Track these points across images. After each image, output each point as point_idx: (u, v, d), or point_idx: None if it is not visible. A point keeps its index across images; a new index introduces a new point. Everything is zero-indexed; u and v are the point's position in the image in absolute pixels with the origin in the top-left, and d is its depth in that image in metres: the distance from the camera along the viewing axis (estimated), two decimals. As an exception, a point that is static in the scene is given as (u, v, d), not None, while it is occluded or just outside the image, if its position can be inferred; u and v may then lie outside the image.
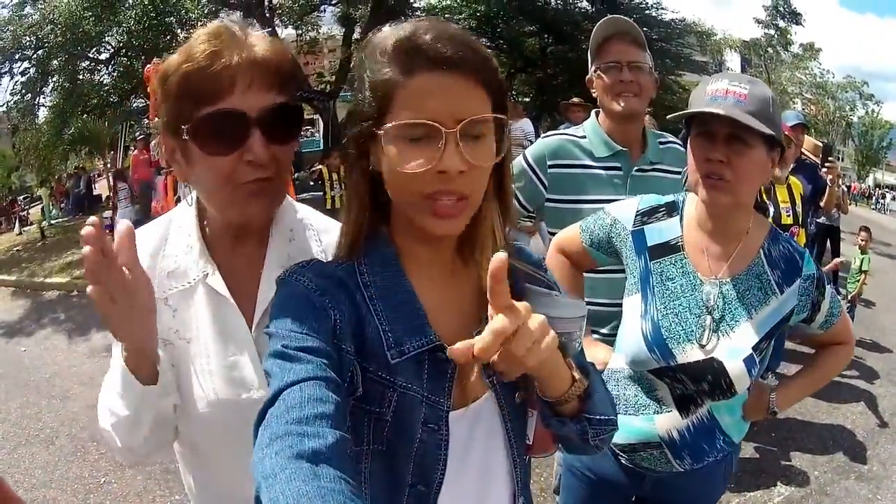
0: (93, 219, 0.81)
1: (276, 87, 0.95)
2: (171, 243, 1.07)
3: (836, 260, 6.01)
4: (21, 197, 25.28)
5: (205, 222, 1.08)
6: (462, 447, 0.88)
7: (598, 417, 0.90)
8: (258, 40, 0.96)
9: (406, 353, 0.84)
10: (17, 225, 17.54)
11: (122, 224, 0.86)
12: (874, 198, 33.12)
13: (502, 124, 0.85)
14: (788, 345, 4.15)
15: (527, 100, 17.50)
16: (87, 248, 0.79)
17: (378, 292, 0.86)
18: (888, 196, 33.08)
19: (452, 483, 0.87)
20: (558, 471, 2.13)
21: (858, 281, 5.93)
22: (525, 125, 7.92)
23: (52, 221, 15.74)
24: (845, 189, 7.61)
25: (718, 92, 1.32)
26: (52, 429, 4.47)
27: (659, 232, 1.50)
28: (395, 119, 0.79)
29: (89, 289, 0.82)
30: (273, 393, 0.72)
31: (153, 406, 0.97)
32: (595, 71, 1.99)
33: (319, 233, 1.13)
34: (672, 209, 1.52)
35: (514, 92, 18.26)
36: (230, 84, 0.92)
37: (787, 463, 3.60)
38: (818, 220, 6.01)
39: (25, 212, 21.03)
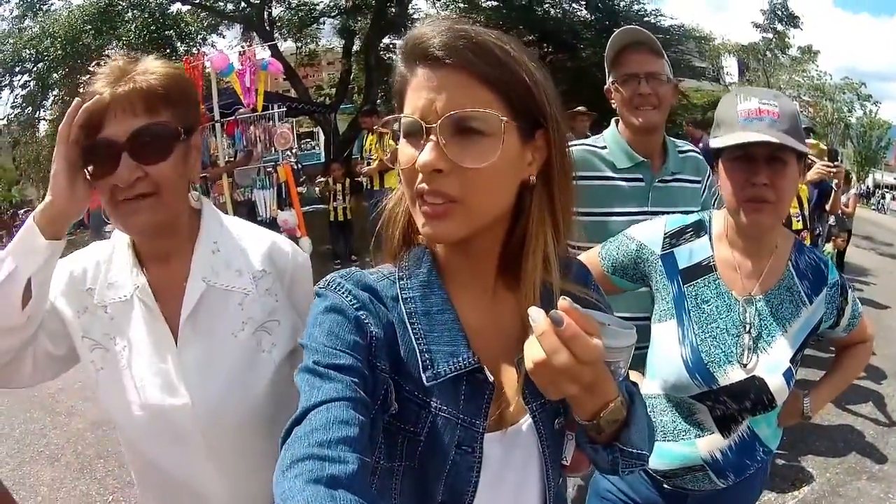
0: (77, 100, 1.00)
1: (146, 111, 1.03)
2: (115, 259, 1.16)
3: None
4: (22, 211, 25.27)
5: (135, 244, 1.17)
6: (496, 469, 0.86)
7: (630, 450, 0.85)
8: (139, 69, 1.05)
9: (441, 376, 0.81)
10: (17, 239, 17.49)
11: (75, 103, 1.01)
12: (875, 198, 33.12)
13: (526, 130, 0.80)
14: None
15: None
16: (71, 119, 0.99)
17: (418, 309, 0.84)
18: (888, 196, 33.08)
19: (484, 502, 0.86)
20: (576, 482, 2.10)
21: None
22: None
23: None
24: (853, 193, 7.60)
25: (752, 113, 1.30)
26: (58, 445, 4.44)
27: (689, 253, 1.48)
28: (402, 114, 0.79)
29: (60, 149, 1.00)
30: (300, 411, 0.72)
31: (37, 264, 1.01)
32: (613, 83, 1.96)
33: (242, 239, 1.21)
34: (700, 228, 1.50)
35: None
36: (102, 116, 1.02)
37: (800, 465, 3.58)
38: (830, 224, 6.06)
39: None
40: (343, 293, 0.82)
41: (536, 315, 0.71)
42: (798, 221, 3.68)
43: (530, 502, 0.92)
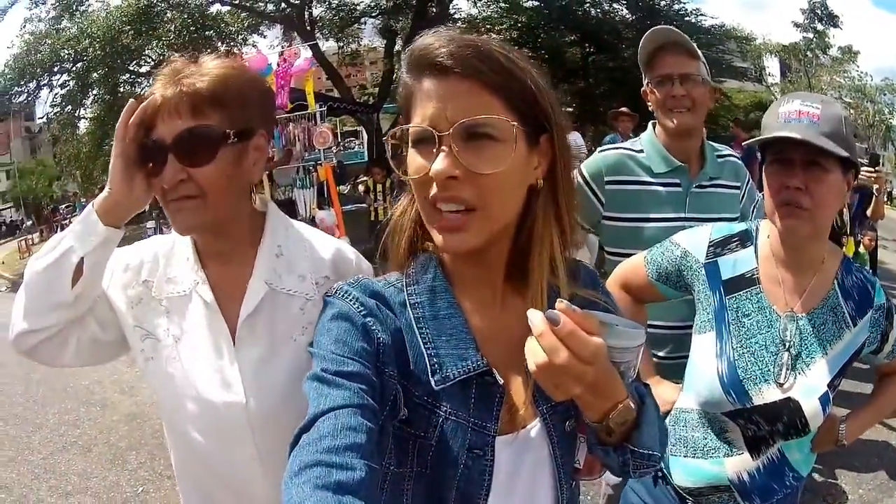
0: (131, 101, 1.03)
1: (191, 114, 1.03)
2: (175, 254, 1.17)
3: None
4: (63, 206, 25.95)
5: (197, 244, 1.18)
6: (508, 473, 0.87)
7: (641, 451, 0.85)
8: (192, 71, 1.06)
9: (450, 380, 0.82)
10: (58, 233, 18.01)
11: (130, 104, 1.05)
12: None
13: (532, 134, 0.82)
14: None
15: (570, 110, 17.40)
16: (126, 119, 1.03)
17: (426, 313, 0.85)
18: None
19: None
20: (605, 490, 2.08)
21: None
22: (576, 138, 7.80)
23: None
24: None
25: (791, 114, 1.27)
26: (91, 436, 4.55)
27: (733, 264, 1.43)
28: (410, 124, 0.80)
29: (117, 146, 1.04)
30: (308, 419, 0.73)
31: (91, 245, 1.05)
32: (647, 84, 1.93)
33: (307, 244, 1.22)
34: (746, 239, 1.45)
35: (557, 102, 18.32)
36: (154, 118, 1.04)
37: (832, 481, 3.48)
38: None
39: (67, 220, 21.60)
40: (350, 300, 0.83)
41: (533, 316, 0.72)
42: (838, 226, 3.58)
43: None
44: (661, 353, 1.87)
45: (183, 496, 1.29)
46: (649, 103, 1.96)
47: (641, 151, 1.96)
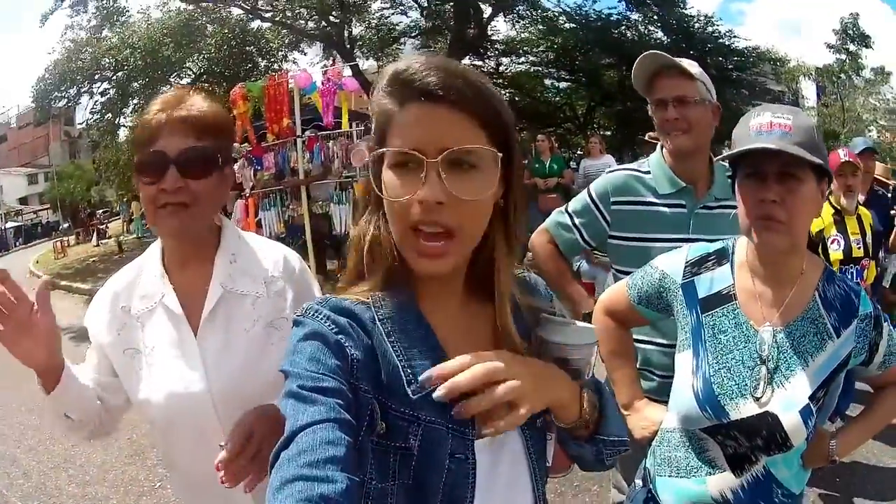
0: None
1: (195, 135, 1.24)
2: (145, 274, 1.38)
3: None
4: (101, 211, 26.61)
5: (164, 254, 1.38)
6: (487, 474, 0.89)
7: (611, 439, 0.95)
8: (192, 101, 1.28)
9: (427, 388, 0.83)
10: (94, 237, 18.47)
11: None
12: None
13: (504, 160, 0.86)
14: (859, 385, 3.93)
15: (608, 133, 17.30)
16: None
17: (395, 328, 0.87)
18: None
19: None
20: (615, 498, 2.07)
21: None
22: (609, 161, 7.89)
23: (141, 236, 16.57)
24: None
25: (763, 127, 1.27)
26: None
27: (710, 282, 1.44)
28: (388, 147, 0.83)
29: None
30: (287, 435, 0.74)
31: (55, 408, 1.28)
32: (650, 108, 1.98)
33: (257, 251, 1.42)
34: (722, 256, 1.45)
35: (595, 126, 18.17)
36: (158, 133, 1.24)
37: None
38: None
39: (105, 225, 22.13)
40: (322, 319, 0.84)
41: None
42: (859, 248, 3.49)
43: (523, 502, 0.95)
44: (659, 373, 1.88)
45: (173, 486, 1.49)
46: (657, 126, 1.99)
47: (648, 173, 1.98)
